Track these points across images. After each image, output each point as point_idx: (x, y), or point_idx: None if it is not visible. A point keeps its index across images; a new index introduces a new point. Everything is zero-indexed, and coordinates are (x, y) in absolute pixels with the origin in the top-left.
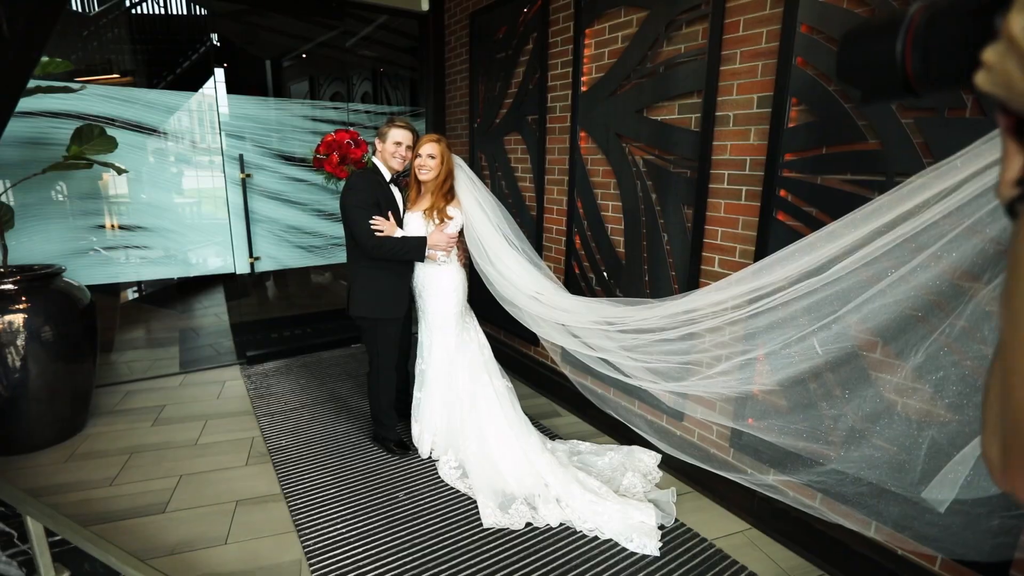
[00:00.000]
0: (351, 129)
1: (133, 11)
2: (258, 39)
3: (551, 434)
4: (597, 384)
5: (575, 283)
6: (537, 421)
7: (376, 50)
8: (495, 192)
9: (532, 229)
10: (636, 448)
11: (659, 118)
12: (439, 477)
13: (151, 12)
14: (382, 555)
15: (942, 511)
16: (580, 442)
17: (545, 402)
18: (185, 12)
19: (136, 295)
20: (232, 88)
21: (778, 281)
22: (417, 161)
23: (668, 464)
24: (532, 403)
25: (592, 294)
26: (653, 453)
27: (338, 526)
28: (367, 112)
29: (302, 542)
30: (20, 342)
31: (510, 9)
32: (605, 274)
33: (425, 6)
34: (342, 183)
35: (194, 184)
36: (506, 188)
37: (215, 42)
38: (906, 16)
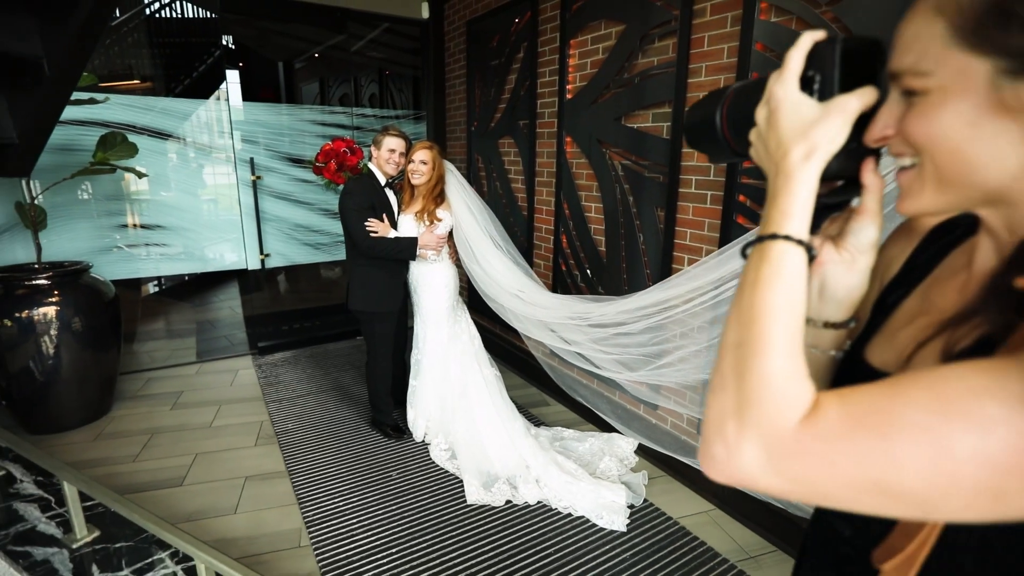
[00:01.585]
0: (347, 138)
1: (151, 18)
2: (269, 43)
3: (538, 421)
4: (582, 375)
5: (562, 280)
6: (526, 409)
7: (382, 51)
8: (491, 192)
9: (524, 228)
10: (615, 435)
11: (635, 126)
12: (430, 459)
13: (167, 16)
14: (374, 526)
15: None
16: (564, 429)
17: (535, 391)
18: (200, 15)
19: (156, 289)
20: (245, 93)
21: (712, 283)
22: (410, 166)
23: (644, 451)
24: (522, 392)
25: (577, 291)
26: (631, 440)
27: (336, 500)
28: (372, 116)
29: (303, 513)
30: (53, 332)
31: (503, 19)
32: (588, 271)
33: (425, 14)
34: (340, 188)
35: (209, 185)
36: (500, 189)
37: (230, 44)
38: (725, 93)
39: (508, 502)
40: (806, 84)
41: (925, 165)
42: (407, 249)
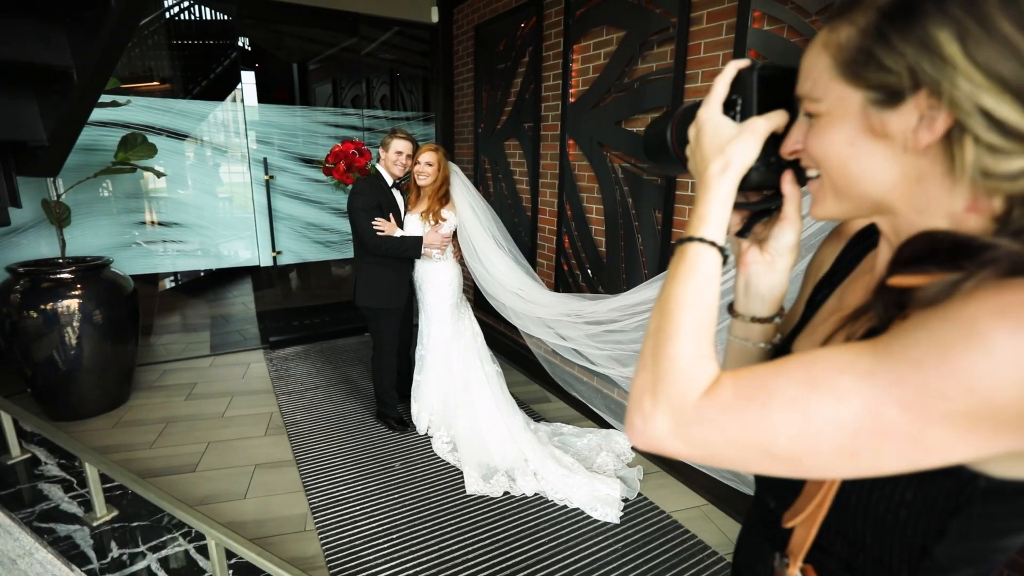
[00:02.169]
0: (356, 140)
1: (170, 21)
2: (284, 45)
3: (538, 417)
4: (581, 372)
5: (564, 279)
6: (527, 405)
7: (394, 53)
8: (497, 193)
9: (528, 229)
10: (613, 432)
11: (634, 129)
12: (432, 451)
13: (186, 19)
14: (376, 514)
15: None
16: (563, 425)
17: (537, 388)
18: (217, 18)
19: (172, 284)
20: (260, 94)
21: None
22: (416, 168)
23: None
24: (525, 389)
25: (578, 289)
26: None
27: (341, 488)
28: (383, 117)
29: (309, 500)
30: (75, 323)
31: (509, 23)
32: (589, 271)
33: (435, 18)
34: (349, 188)
35: (224, 184)
36: (506, 190)
37: (246, 46)
38: (675, 113)
39: (506, 493)
40: (731, 106)
41: (824, 177)
42: (412, 248)
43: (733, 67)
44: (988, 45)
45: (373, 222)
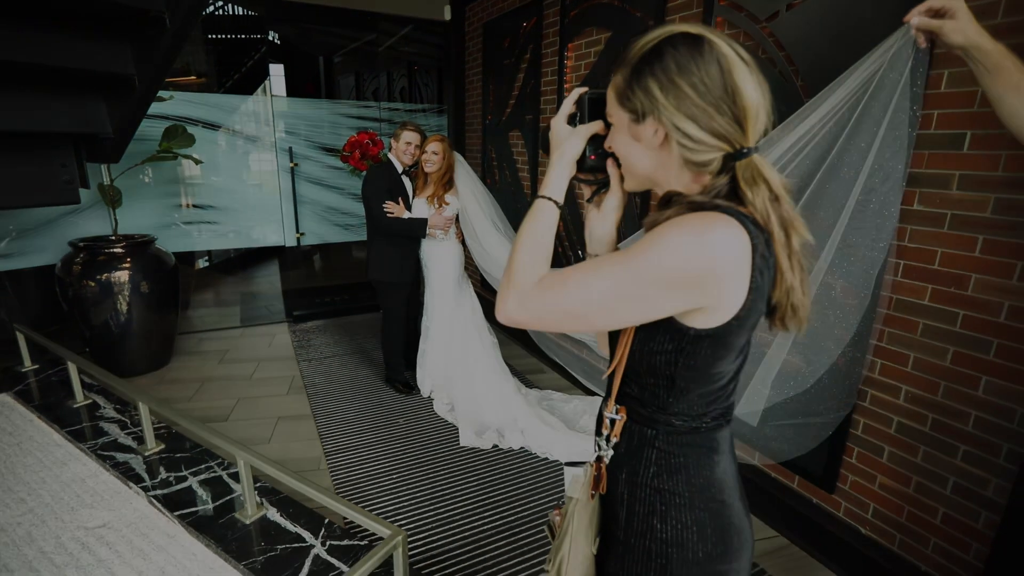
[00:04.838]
0: (370, 131)
1: (205, 18)
2: (309, 41)
3: (531, 385)
4: (561, 339)
5: (558, 259)
6: (523, 375)
7: (413, 47)
8: (502, 181)
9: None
10: (598, 399)
11: None
12: (434, 411)
13: (220, 14)
14: (380, 458)
15: (755, 424)
16: (553, 392)
17: (534, 361)
18: (246, 12)
19: (206, 263)
20: (287, 87)
21: None
22: (424, 156)
23: None
24: (523, 361)
25: None
26: None
27: (351, 438)
28: (400, 109)
29: (323, 446)
30: (126, 293)
31: (513, 22)
32: (580, 252)
33: (448, 16)
34: (363, 174)
35: (253, 171)
36: (509, 178)
37: (275, 39)
38: None
39: (495, 446)
40: (573, 118)
41: (623, 164)
42: (418, 228)
43: (576, 93)
44: (675, 93)
45: (384, 205)
